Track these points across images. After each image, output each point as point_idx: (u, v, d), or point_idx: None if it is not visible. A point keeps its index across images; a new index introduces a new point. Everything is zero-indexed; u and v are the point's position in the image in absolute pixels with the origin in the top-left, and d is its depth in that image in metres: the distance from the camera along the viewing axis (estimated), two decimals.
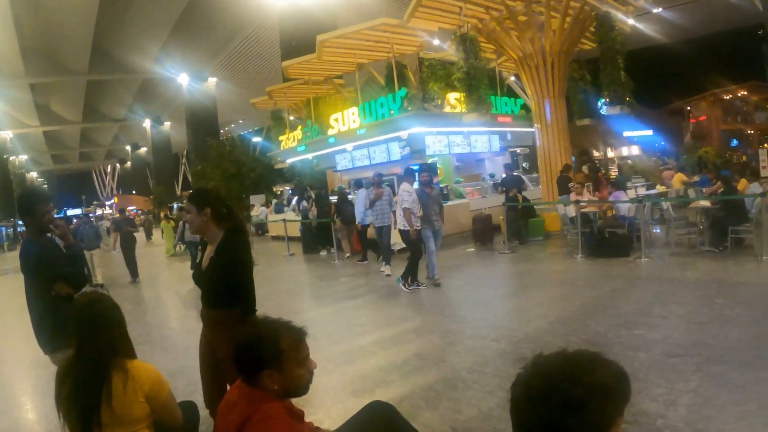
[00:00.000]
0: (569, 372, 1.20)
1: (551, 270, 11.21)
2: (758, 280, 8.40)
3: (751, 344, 5.62)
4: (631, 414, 4.26)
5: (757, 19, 19.02)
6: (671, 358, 5.41)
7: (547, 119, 17.17)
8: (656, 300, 7.70)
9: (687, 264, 9.94)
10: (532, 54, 16.69)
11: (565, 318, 7.24)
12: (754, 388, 4.61)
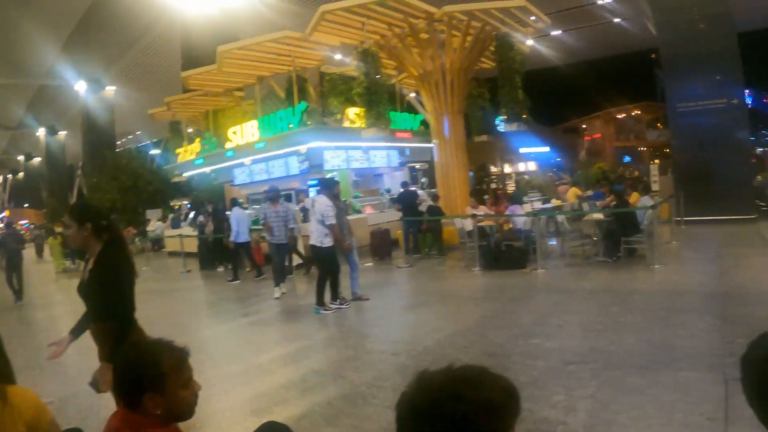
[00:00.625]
0: (454, 389, 1.17)
1: (450, 283, 11.39)
2: (650, 288, 8.91)
3: (646, 349, 5.91)
4: (531, 422, 4.33)
5: (651, 44, 20.44)
6: (569, 366, 5.57)
7: (445, 135, 17.65)
8: (553, 310, 7.94)
9: (582, 274, 10.38)
10: (433, 71, 17.15)
11: (464, 330, 7.33)
12: (650, 391, 4.82)
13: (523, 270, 11.21)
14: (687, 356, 5.61)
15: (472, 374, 1.23)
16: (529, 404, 4.66)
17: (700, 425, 4.19)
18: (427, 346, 6.76)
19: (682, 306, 7.59)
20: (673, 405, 4.53)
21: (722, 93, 16.38)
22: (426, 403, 1.18)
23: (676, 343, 6.02)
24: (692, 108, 16.70)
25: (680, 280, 9.30)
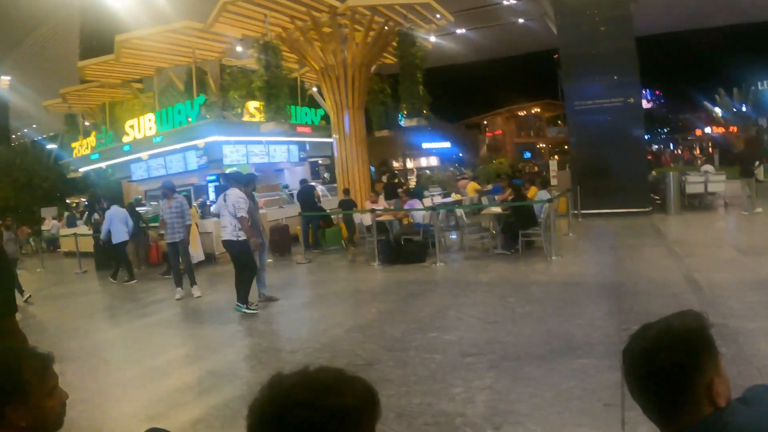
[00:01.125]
0: (304, 395, 1.12)
1: (348, 278, 11.29)
2: (548, 279, 9.17)
3: (543, 338, 6.02)
4: (430, 415, 4.31)
5: (553, 45, 21.26)
6: (467, 358, 5.59)
7: (345, 130, 17.71)
8: (451, 303, 7.98)
9: (480, 267, 10.54)
10: (334, 65, 17.16)
11: (362, 325, 7.26)
12: (548, 380, 4.89)
13: (422, 264, 11.27)
14: (583, 344, 5.75)
15: (327, 378, 1.18)
16: (427, 398, 4.64)
17: (597, 411, 4.26)
18: (325, 342, 6.67)
19: (578, 296, 7.83)
20: (571, 392, 4.61)
21: (619, 92, 17.17)
22: (273, 411, 1.13)
23: (573, 332, 6.17)
24: (590, 106, 17.43)
25: (577, 271, 9.62)
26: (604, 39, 17.18)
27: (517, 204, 11.77)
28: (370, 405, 1.19)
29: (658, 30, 34.05)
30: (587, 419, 4.15)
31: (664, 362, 1.26)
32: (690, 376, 1.27)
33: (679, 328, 1.31)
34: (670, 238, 12.29)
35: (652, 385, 1.30)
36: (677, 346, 1.28)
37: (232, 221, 8.65)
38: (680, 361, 1.27)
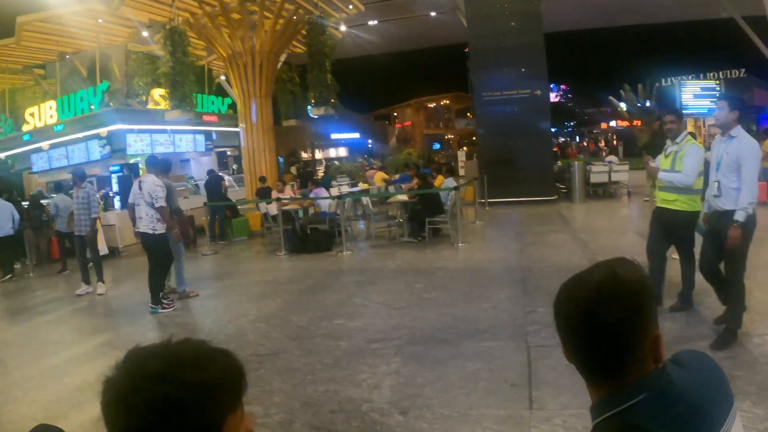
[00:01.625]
0: (162, 368, 1.04)
1: (254, 269, 11.01)
2: (454, 265, 9.23)
3: (449, 323, 6.04)
4: (336, 402, 4.23)
5: (464, 38, 21.55)
6: (373, 344, 5.54)
7: (252, 119, 17.36)
8: (357, 290, 7.92)
9: (387, 255, 10.52)
10: (242, 53, 16.79)
11: (267, 315, 7.08)
12: (454, 363, 4.89)
13: (329, 253, 11.15)
14: (490, 327, 5.80)
15: (186, 351, 1.09)
16: (333, 385, 4.57)
17: (504, 391, 4.29)
18: (230, 333, 6.49)
19: (484, 281, 7.94)
20: (478, 374, 4.62)
21: (527, 85, 17.61)
22: (126, 384, 1.04)
23: (479, 316, 6.23)
24: (498, 97, 17.78)
25: (483, 257, 9.75)
26: (513, 33, 17.55)
27: (423, 192, 11.82)
28: (232, 380, 1.11)
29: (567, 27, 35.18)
30: (495, 400, 4.15)
31: (616, 315, 1.15)
32: (641, 330, 1.17)
33: (625, 277, 1.19)
34: (575, 225, 12.69)
35: (601, 342, 1.17)
36: (628, 297, 1.17)
37: (149, 211, 7.97)
38: (632, 314, 1.16)
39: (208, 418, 1.04)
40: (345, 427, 3.87)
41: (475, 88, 18.49)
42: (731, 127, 5.01)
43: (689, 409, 1.14)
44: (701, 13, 33.69)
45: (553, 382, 4.39)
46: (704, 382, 1.22)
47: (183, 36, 15.71)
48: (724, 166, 4.99)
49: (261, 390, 4.57)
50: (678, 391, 1.16)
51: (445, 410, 4.00)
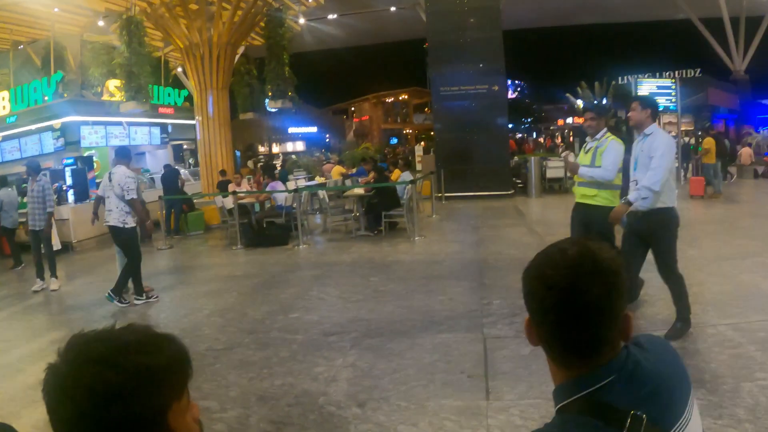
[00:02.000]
0: (104, 352, 1.01)
1: (210, 263, 10.84)
2: (410, 258, 9.23)
3: (405, 315, 6.04)
4: (292, 396, 4.18)
5: (424, 33, 21.61)
6: (329, 337, 5.50)
7: (209, 112, 17.01)
8: (314, 283, 7.86)
9: (344, 248, 10.48)
10: (199, 44, 16.44)
11: (223, 309, 6.96)
12: (410, 354, 4.89)
13: (285, 246, 11.05)
14: (446, 319, 5.82)
15: (130, 336, 1.06)
16: (289, 379, 4.52)
17: (461, 383, 4.30)
18: (185, 328, 6.34)
19: (440, 273, 7.96)
20: (434, 366, 4.62)
21: (485, 80, 17.70)
22: (68, 369, 1.00)
23: (435, 308, 6.25)
24: (455, 92, 17.84)
25: (439, 250, 9.77)
26: (472, 29, 17.64)
27: (380, 185, 11.81)
28: (178, 366, 1.07)
29: (526, 25, 35.64)
30: (452, 391, 4.16)
31: (596, 293, 1.12)
32: (616, 308, 1.15)
33: (601, 254, 1.16)
34: (531, 219, 12.85)
35: (579, 321, 1.13)
36: (607, 274, 1.14)
37: (119, 204, 7.67)
38: (610, 291, 1.14)
39: (153, 404, 1.01)
40: (302, 421, 3.82)
41: (433, 83, 18.51)
42: (646, 126, 5.08)
43: (657, 391, 1.14)
44: (658, 13, 34.63)
45: (509, 373, 4.41)
46: (667, 366, 1.21)
47: (140, 26, 15.44)
48: (641, 165, 5.05)
49: (217, 385, 4.48)
50: (646, 373, 1.15)
51: (402, 402, 3.99)
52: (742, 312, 5.69)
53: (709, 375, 4.26)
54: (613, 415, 1.09)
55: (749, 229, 10.57)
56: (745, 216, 12.35)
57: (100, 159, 18.72)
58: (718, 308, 5.84)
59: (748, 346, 4.77)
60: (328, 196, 13.20)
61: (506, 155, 18.55)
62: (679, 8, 31.52)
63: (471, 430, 3.60)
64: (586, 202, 5.82)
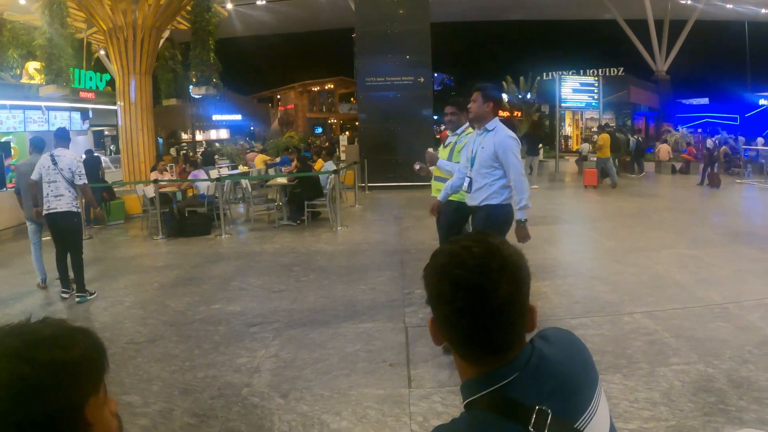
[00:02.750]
0: (21, 347, 0.98)
1: (130, 253, 10.52)
2: (332, 248, 9.24)
3: (327, 305, 6.08)
4: (215, 388, 4.14)
5: (352, 23, 21.46)
6: (251, 327, 5.47)
7: (131, 97, 16.40)
8: (236, 274, 7.78)
9: (266, 238, 10.40)
10: (123, 26, 15.75)
11: (144, 301, 6.79)
12: (332, 344, 4.93)
13: (207, 236, 10.86)
14: (368, 309, 5.90)
15: (43, 329, 1.03)
16: (212, 371, 4.47)
17: (383, 372, 4.37)
18: (105, 321, 6.15)
19: (362, 263, 8.03)
20: (357, 355, 4.68)
21: (411, 72, 17.78)
22: None
23: (357, 297, 6.32)
24: (381, 83, 17.87)
25: (361, 240, 9.86)
26: (400, 20, 17.67)
27: (302, 175, 11.77)
28: (94, 360, 1.04)
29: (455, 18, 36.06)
30: (374, 380, 4.22)
31: (506, 291, 1.12)
32: (525, 304, 1.17)
33: (506, 251, 1.18)
34: None
35: (492, 319, 1.14)
36: (514, 270, 1.15)
37: (70, 188, 7.22)
38: (520, 288, 1.16)
39: (70, 399, 0.99)
40: (225, 413, 3.80)
41: (360, 73, 18.47)
42: (487, 120, 4.74)
43: (562, 385, 1.17)
44: (586, 13, 35.82)
45: (431, 361, 4.51)
46: (573, 359, 1.25)
47: (62, 6, 14.63)
48: (479, 161, 4.75)
49: (139, 379, 4.39)
50: (551, 367, 1.18)
51: (326, 391, 4.03)
52: (657, 301, 6.03)
53: (626, 360, 4.49)
54: (520, 411, 1.10)
55: (665, 222, 11.13)
56: (661, 210, 12.96)
57: (17, 145, 17.90)
58: (634, 297, 6.17)
59: (663, 333, 5.05)
60: (251, 185, 13.05)
61: (430, 146, 18.61)
62: (606, 9, 32.71)
63: (394, 417, 3.66)
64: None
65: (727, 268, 7.38)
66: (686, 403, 3.79)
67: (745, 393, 3.90)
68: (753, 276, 6.93)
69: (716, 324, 5.27)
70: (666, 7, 32.08)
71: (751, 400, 3.79)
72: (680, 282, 6.72)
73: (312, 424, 3.61)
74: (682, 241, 9.24)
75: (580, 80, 22.65)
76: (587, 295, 6.26)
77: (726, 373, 4.22)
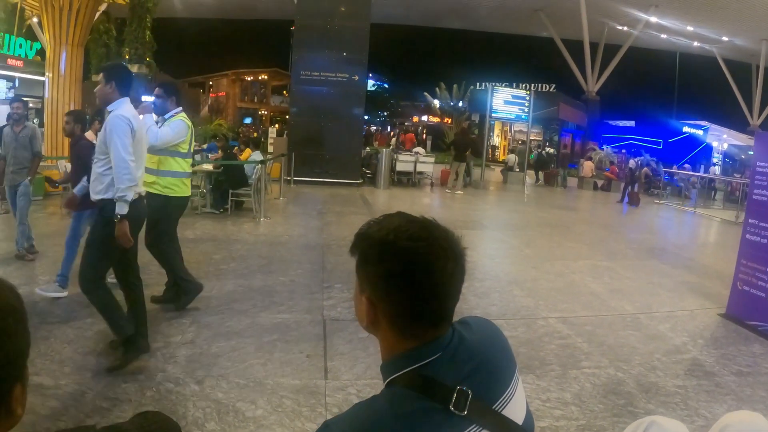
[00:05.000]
0: None
1: (46, 232, 9.86)
2: (254, 238, 9.15)
3: (245, 294, 6.04)
4: (129, 373, 4.04)
5: (291, 15, 21.12)
6: (168, 313, 5.37)
7: (61, 69, 15.70)
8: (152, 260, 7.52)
9: (187, 224, 10.12)
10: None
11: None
12: (249, 333, 4.90)
13: None
14: (286, 300, 5.89)
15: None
16: None
17: (299, 362, 4.37)
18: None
19: (283, 255, 8.00)
20: (273, 345, 4.66)
21: (346, 69, 17.73)
22: None
23: (276, 288, 6.29)
24: (315, 77, 17.73)
25: (283, 232, 9.81)
26: (340, 16, 17.59)
27: (228, 163, 11.62)
28: (25, 311, 1.00)
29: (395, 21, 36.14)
30: (291, 370, 4.22)
31: (453, 264, 1.17)
32: (463, 278, 1.22)
33: (439, 225, 1.22)
34: (376, 208, 13.17)
35: (439, 290, 1.17)
36: (455, 245, 1.20)
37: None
38: (461, 263, 1.20)
39: (20, 346, 0.97)
40: (138, 398, 3.70)
41: (295, 66, 18.20)
42: (111, 101, 4.15)
43: (481, 366, 1.20)
44: (524, 28, 36.69)
45: (347, 354, 4.54)
46: (492, 344, 1.29)
47: None
48: (98, 149, 4.21)
49: (50, 360, 4.21)
50: (471, 349, 1.21)
51: (241, 380, 3.99)
52: (571, 307, 6.27)
53: (539, 362, 4.65)
54: (440, 390, 1.13)
55: (583, 235, 11.57)
56: (580, 222, 13.48)
57: None
58: (549, 302, 6.39)
59: (576, 338, 5.26)
60: None
61: (359, 145, 18.78)
62: (544, 27, 33.60)
63: (309, 408, 3.67)
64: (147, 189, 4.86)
65: (640, 280, 7.78)
66: (596, 404, 3.97)
67: (653, 397, 4.12)
68: (664, 289, 7.33)
69: (627, 332, 5.55)
70: (602, 31, 33.37)
71: (658, 403, 4.02)
72: (594, 291, 7.01)
73: (227, 411, 3.57)
74: (598, 253, 9.65)
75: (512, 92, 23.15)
76: (504, 299, 6.44)
77: (635, 377, 4.46)
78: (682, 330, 5.73)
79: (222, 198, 11.42)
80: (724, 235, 13.70)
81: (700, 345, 5.33)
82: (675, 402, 4.07)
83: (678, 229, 14.78)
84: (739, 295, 6.15)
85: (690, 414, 3.89)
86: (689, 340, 5.43)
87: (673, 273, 8.37)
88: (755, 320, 5.84)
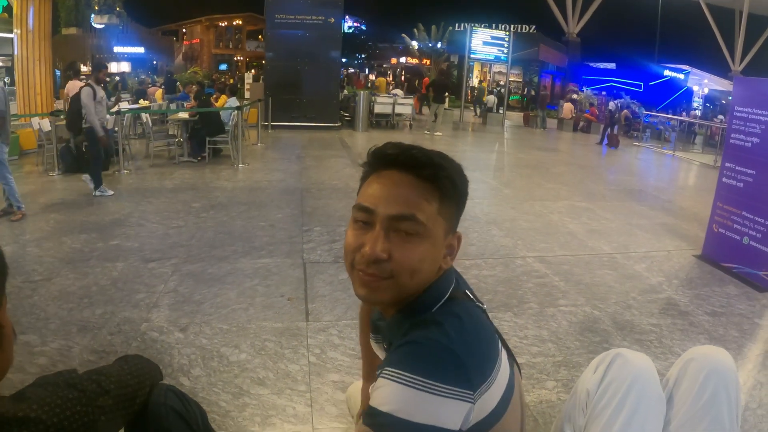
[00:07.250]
0: None
1: (25, 191, 9.78)
2: (232, 185, 9.13)
3: (225, 241, 6.06)
4: (114, 324, 4.06)
5: None
6: (149, 263, 5.36)
7: (29, 25, 15.08)
8: (134, 210, 7.54)
9: (166, 174, 10.12)
10: None
11: (39, 238, 6.40)
12: (230, 279, 4.94)
13: (106, 172, 10.38)
14: (266, 245, 5.92)
15: None
16: (110, 307, 4.36)
17: (281, 305, 4.42)
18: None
19: (262, 200, 8.01)
20: (255, 290, 4.70)
21: (322, 11, 17.34)
22: None
23: (256, 234, 6.32)
24: (290, 20, 17.32)
25: (262, 178, 9.77)
26: None
27: (204, 110, 11.48)
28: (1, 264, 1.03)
29: None
30: (272, 313, 4.26)
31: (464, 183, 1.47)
32: None
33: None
34: (355, 151, 13.11)
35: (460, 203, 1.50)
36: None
37: None
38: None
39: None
40: (125, 349, 3.72)
41: (269, 9, 17.64)
42: None
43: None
44: None
45: (328, 296, 4.60)
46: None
47: None
48: None
49: (36, 318, 4.19)
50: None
51: (224, 325, 4.03)
52: (548, 247, 6.36)
53: (517, 300, 4.75)
54: (474, 298, 1.45)
55: (562, 176, 11.63)
56: (559, 164, 13.52)
57: None
58: (527, 242, 6.48)
59: (553, 277, 5.35)
60: (152, 120, 12.58)
61: (336, 88, 18.54)
62: None
63: (291, 350, 3.72)
64: None
65: (618, 221, 7.87)
66: (573, 341, 4.06)
67: (628, 335, 4.22)
68: (641, 230, 7.43)
69: (604, 271, 5.65)
70: None
71: (633, 341, 4.11)
72: (572, 231, 7.10)
73: (211, 356, 3.61)
74: (577, 193, 9.72)
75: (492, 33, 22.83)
76: (482, 239, 6.51)
77: (611, 316, 4.55)
78: (658, 270, 5.82)
79: (199, 146, 11.31)
80: (702, 179, 13.77)
81: (675, 285, 5.42)
82: (650, 340, 4.16)
83: (657, 172, 14.86)
84: (715, 237, 6.24)
85: (664, 351, 3.98)
86: (665, 280, 5.52)
87: (650, 214, 8.46)
88: (730, 262, 5.93)
